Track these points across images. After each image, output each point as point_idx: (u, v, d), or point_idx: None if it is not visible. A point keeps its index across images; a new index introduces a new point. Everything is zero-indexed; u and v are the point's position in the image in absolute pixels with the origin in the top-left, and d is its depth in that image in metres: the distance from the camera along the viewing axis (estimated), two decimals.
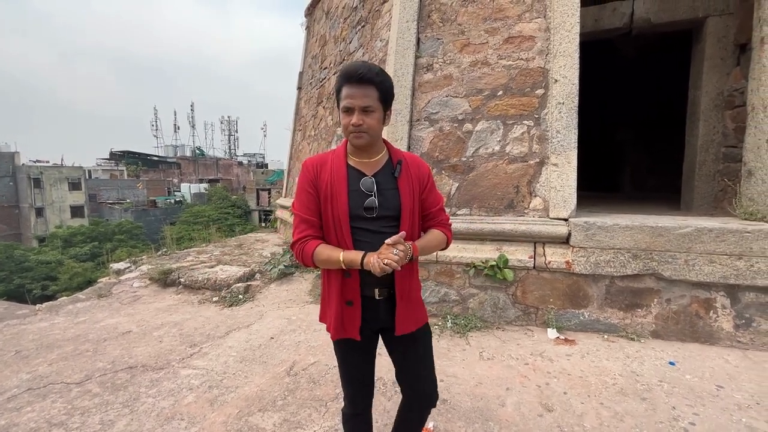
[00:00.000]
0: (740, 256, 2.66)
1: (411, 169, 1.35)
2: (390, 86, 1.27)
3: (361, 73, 1.19)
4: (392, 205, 1.30)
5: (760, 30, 2.95)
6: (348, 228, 1.28)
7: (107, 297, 4.09)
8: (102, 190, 38.83)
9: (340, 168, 1.30)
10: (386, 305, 1.36)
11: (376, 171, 1.33)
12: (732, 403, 2.13)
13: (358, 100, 1.21)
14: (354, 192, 1.29)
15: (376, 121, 1.25)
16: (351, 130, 1.25)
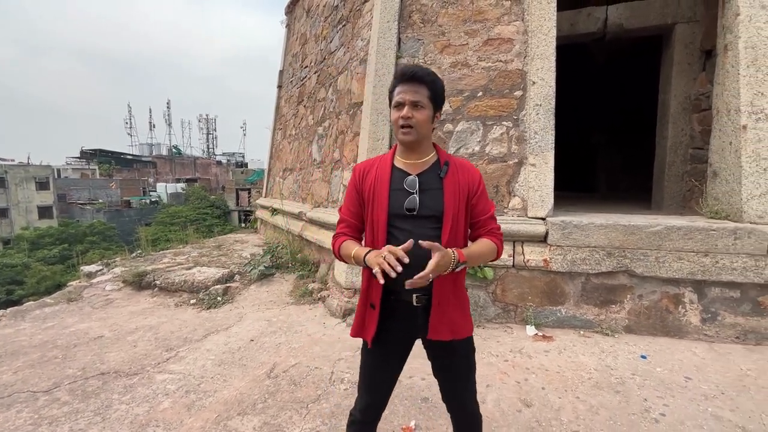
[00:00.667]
0: (706, 253, 2.78)
1: (459, 173, 1.31)
2: (441, 88, 1.29)
3: (413, 71, 1.24)
4: (434, 206, 1.27)
5: (724, 37, 3.09)
6: (384, 226, 1.27)
7: (77, 301, 3.93)
8: (72, 190, 37.28)
9: (385, 168, 1.32)
10: (426, 312, 1.29)
11: (421, 171, 1.31)
12: (699, 394, 2.23)
13: (408, 95, 1.23)
14: (396, 191, 1.29)
15: (426, 117, 1.25)
16: (400, 124, 1.25)
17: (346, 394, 2.27)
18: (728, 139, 3.00)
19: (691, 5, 3.84)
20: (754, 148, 2.82)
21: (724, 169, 3.06)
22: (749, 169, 2.82)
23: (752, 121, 2.84)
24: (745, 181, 2.83)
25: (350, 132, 4.29)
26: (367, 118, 3.67)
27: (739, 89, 2.87)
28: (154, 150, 64.79)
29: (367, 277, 1.32)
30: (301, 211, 5.09)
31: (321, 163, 5.17)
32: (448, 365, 1.39)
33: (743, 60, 2.88)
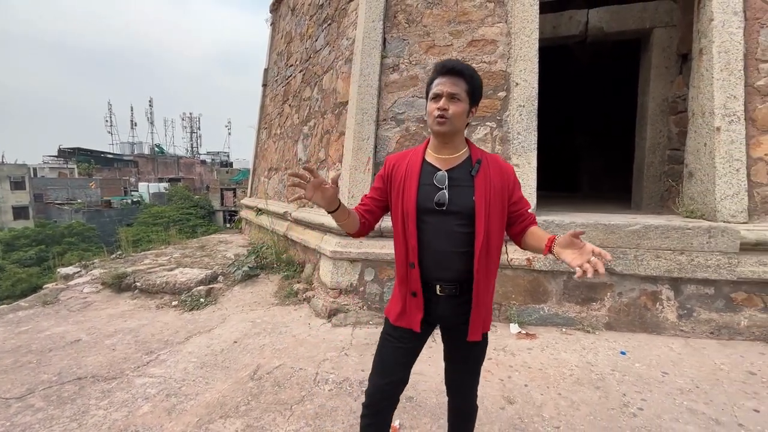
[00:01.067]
0: (682, 251, 2.86)
1: (491, 171, 1.30)
2: (479, 84, 1.29)
3: (453, 65, 1.25)
4: (463, 203, 1.26)
5: (699, 42, 3.19)
6: (414, 218, 1.28)
7: (54, 304, 3.81)
8: (49, 190, 36.14)
9: (416, 162, 1.33)
10: (448, 302, 1.32)
11: (452, 167, 1.31)
12: (675, 388, 2.29)
13: (447, 87, 1.23)
14: (426, 186, 1.29)
15: (462, 110, 1.25)
16: (435, 115, 1.24)
17: (331, 394, 2.26)
18: (703, 141, 3.10)
19: (669, 10, 3.95)
20: (727, 149, 2.92)
21: (699, 169, 3.15)
22: (722, 170, 2.92)
23: (725, 124, 2.93)
24: (718, 181, 2.93)
25: (335, 131, 4.28)
26: (353, 118, 3.66)
27: (713, 92, 2.97)
28: (135, 149, 63.36)
29: (404, 267, 1.34)
30: (286, 211, 5.04)
31: (306, 162, 5.13)
32: (466, 356, 1.42)
33: (717, 64, 2.97)
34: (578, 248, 1.12)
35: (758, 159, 2.93)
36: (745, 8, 2.97)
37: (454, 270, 1.29)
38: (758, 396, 2.20)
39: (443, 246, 1.28)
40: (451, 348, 1.44)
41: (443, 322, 1.37)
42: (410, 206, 1.28)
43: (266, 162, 7.30)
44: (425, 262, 1.30)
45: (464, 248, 1.28)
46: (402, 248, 1.34)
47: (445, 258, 1.29)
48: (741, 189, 2.89)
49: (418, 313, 1.33)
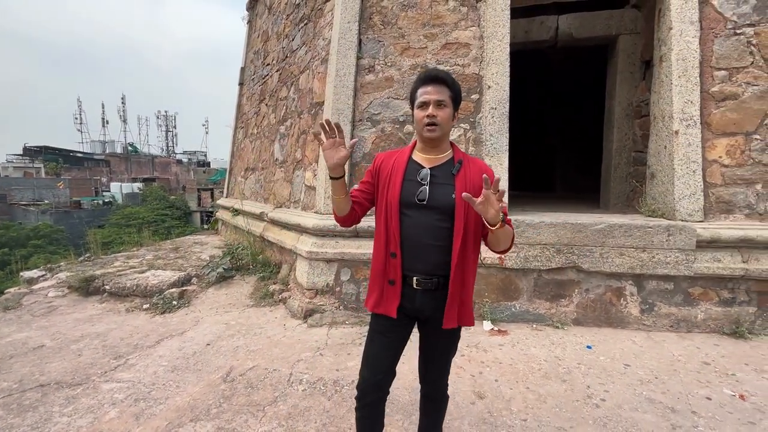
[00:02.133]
0: (644, 249, 3.00)
1: (472, 171, 1.38)
2: (459, 89, 1.40)
3: (436, 74, 1.36)
4: (443, 199, 1.35)
5: (659, 49, 3.35)
6: (396, 210, 1.37)
7: (16, 309, 3.65)
8: (14, 190, 34.45)
9: (402, 160, 1.44)
10: (425, 296, 1.39)
11: (435, 165, 1.40)
12: (636, 379, 2.40)
13: (433, 95, 1.33)
14: (410, 182, 1.39)
15: (448, 115, 1.35)
16: (425, 122, 1.34)
17: (305, 395, 2.27)
18: (663, 144, 3.25)
19: (633, 18, 4.12)
20: (684, 151, 3.08)
21: (660, 171, 3.31)
22: (681, 171, 3.07)
23: (683, 127, 3.09)
24: (677, 182, 3.08)
25: (312, 131, 4.26)
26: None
27: (672, 97, 3.12)
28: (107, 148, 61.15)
29: (384, 256, 1.41)
30: (262, 211, 4.99)
31: (283, 162, 5.10)
32: (440, 346, 1.50)
33: (675, 70, 3.13)
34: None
35: (713, 161, 3.10)
36: (701, 18, 3.13)
37: (431, 262, 1.37)
38: (710, 384, 2.34)
39: (422, 238, 1.36)
40: (425, 338, 1.51)
41: (421, 315, 1.43)
42: (394, 199, 1.38)
43: (243, 162, 7.20)
44: (405, 252, 1.38)
45: (441, 242, 1.36)
46: (383, 239, 1.42)
47: (423, 249, 1.37)
48: (697, 189, 3.05)
49: (395, 300, 1.40)
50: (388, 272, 1.41)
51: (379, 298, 1.44)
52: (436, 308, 1.39)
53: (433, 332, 1.46)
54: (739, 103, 3.07)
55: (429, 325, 1.46)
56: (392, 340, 1.47)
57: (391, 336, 1.47)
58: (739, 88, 3.08)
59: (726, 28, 3.10)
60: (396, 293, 1.40)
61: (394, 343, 1.48)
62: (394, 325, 1.45)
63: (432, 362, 1.53)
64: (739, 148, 3.07)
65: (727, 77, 3.10)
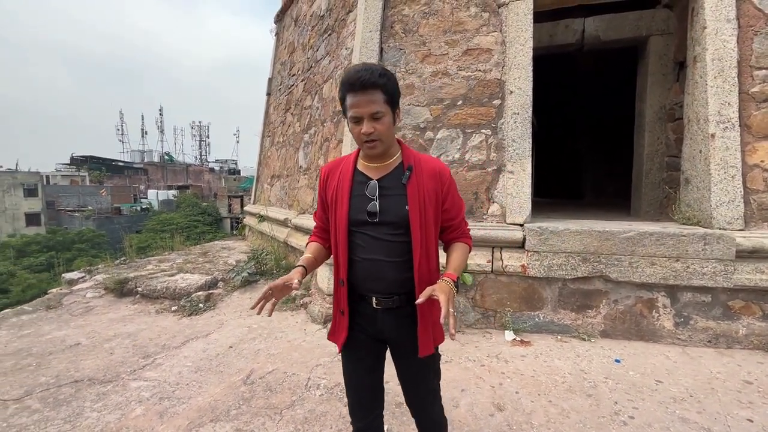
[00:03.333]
0: (678, 258, 2.84)
1: (425, 176, 1.25)
2: (395, 85, 1.20)
3: (363, 78, 1.12)
4: (396, 212, 1.22)
5: (693, 49, 3.20)
6: (344, 232, 1.26)
7: (57, 308, 3.88)
8: (61, 197, 36.82)
9: (347, 173, 1.29)
10: (387, 316, 1.29)
11: (383, 175, 1.27)
12: (668, 397, 2.27)
13: (364, 108, 1.14)
14: (358, 197, 1.25)
15: (388, 125, 1.18)
16: (363, 140, 1.19)
17: (321, 399, 2.28)
18: (698, 148, 3.09)
19: (665, 18, 3.96)
20: (722, 156, 2.91)
21: (695, 176, 3.14)
22: (718, 177, 2.90)
23: (720, 130, 2.92)
24: (714, 188, 2.91)
25: (334, 139, 4.33)
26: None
27: (707, 99, 2.97)
28: (145, 157, 64.41)
29: (335, 285, 1.33)
30: (286, 217, 5.10)
31: (307, 169, 5.20)
32: (415, 372, 1.38)
33: (711, 71, 2.97)
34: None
35: (754, 166, 2.91)
36: (738, 15, 2.97)
37: (387, 280, 1.25)
38: (753, 405, 2.17)
39: (378, 256, 1.24)
40: (401, 366, 1.39)
41: (387, 336, 1.33)
42: (342, 220, 1.26)
43: (269, 169, 7.40)
44: (358, 275, 1.27)
45: (398, 258, 1.24)
46: (334, 264, 1.32)
47: (378, 268, 1.25)
48: (737, 196, 2.87)
49: (342, 332, 1.32)
50: (338, 301, 1.32)
51: (333, 327, 1.38)
52: (400, 327, 1.29)
53: (404, 356, 1.35)
54: None
55: (397, 349, 1.35)
56: (361, 378, 1.38)
57: (359, 374, 1.37)
58: None
59: (767, 25, 2.93)
60: (344, 324, 1.31)
61: (365, 378, 1.38)
62: (357, 359, 1.36)
63: (414, 390, 1.40)
64: None
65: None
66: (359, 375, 1.39)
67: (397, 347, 1.36)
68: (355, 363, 1.38)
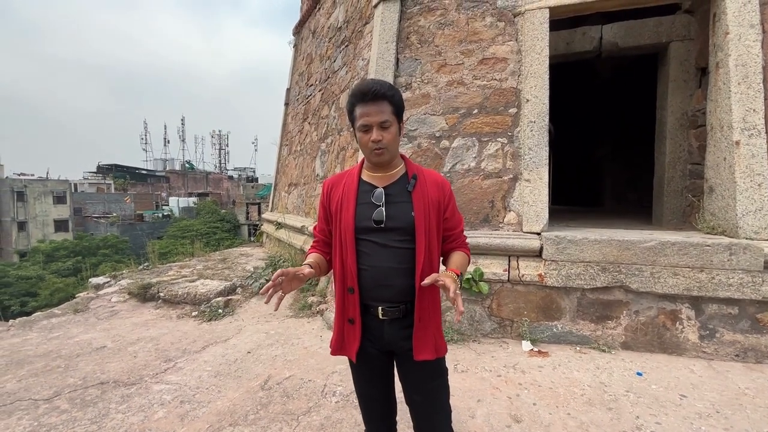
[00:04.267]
0: (702, 269, 2.76)
1: (428, 186, 1.31)
2: (401, 98, 1.28)
3: (374, 90, 1.20)
4: (403, 218, 1.26)
5: (715, 55, 3.14)
6: (352, 239, 1.27)
7: (84, 312, 4.04)
8: (88, 204, 38.22)
9: (352, 183, 1.33)
10: (393, 327, 1.29)
11: (388, 183, 1.31)
12: (693, 412, 2.19)
13: (374, 117, 1.21)
14: (363, 204, 1.29)
15: (394, 134, 1.25)
16: (372, 147, 1.23)
17: (337, 406, 2.30)
18: (722, 155, 3.01)
19: (686, 24, 3.90)
20: (747, 163, 2.83)
21: (719, 184, 3.06)
22: (743, 185, 2.82)
23: (745, 137, 2.85)
24: (739, 196, 2.83)
25: (351, 148, 4.40)
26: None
27: (731, 106, 2.90)
28: (167, 165, 66.39)
29: (341, 293, 1.32)
30: (303, 225, 5.18)
31: (323, 178, 5.28)
32: (424, 389, 1.34)
33: (734, 77, 2.91)
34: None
35: None
36: (762, 21, 2.91)
37: (395, 288, 1.26)
38: None
39: (384, 263, 1.26)
40: (407, 380, 1.36)
41: (392, 347, 1.32)
42: (348, 227, 1.27)
43: (287, 177, 7.53)
44: (365, 283, 1.27)
45: (405, 264, 1.26)
46: (339, 272, 1.31)
47: (385, 275, 1.26)
48: (764, 204, 2.78)
49: (354, 341, 1.30)
50: (347, 310, 1.30)
51: (340, 340, 1.33)
52: (406, 338, 1.28)
53: (412, 368, 1.32)
54: None
55: (405, 361, 1.33)
56: (373, 389, 1.37)
57: (371, 385, 1.36)
58: None
59: None
60: (356, 333, 1.29)
61: (376, 392, 1.37)
62: (369, 370, 1.34)
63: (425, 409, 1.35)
64: None
65: None
66: (371, 386, 1.39)
67: (404, 358, 1.34)
68: (368, 375, 1.37)
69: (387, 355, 1.37)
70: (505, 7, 3.53)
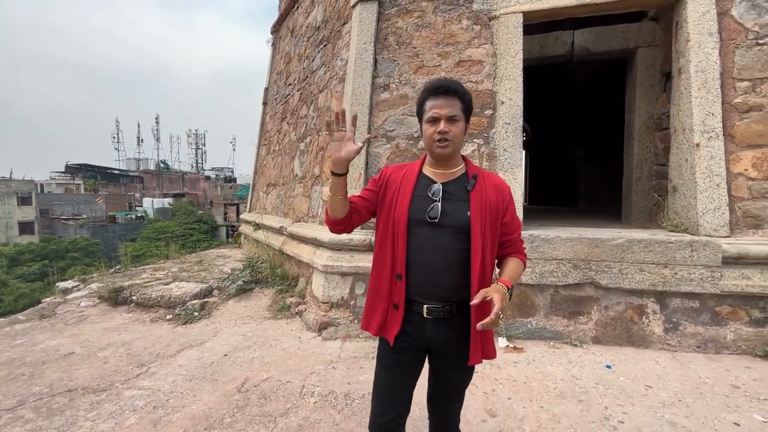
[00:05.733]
0: (666, 265, 2.90)
1: (488, 188, 1.29)
2: (470, 99, 1.30)
3: (447, 85, 1.24)
4: (458, 217, 1.25)
5: (678, 61, 3.30)
6: (404, 230, 1.26)
7: (50, 318, 3.87)
8: (56, 205, 36.60)
9: (412, 174, 1.33)
10: (436, 327, 1.27)
11: (447, 181, 1.31)
12: (658, 401, 2.30)
13: (444, 110, 1.23)
14: (420, 197, 1.29)
15: (461, 130, 1.26)
16: (436, 138, 1.24)
17: (316, 407, 2.29)
18: (684, 157, 3.17)
19: (651, 31, 4.08)
20: (707, 164, 2.99)
21: (682, 184, 3.21)
22: (703, 185, 2.98)
23: (705, 140, 3.00)
24: (700, 196, 2.98)
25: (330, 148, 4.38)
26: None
27: (692, 110, 3.05)
28: (141, 165, 64.35)
29: (389, 277, 1.30)
30: (282, 225, 5.13)
31: (302, 178, 5.24)
32: (456, 381, 1.37)
33: (695, 83, 3.06)
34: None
35: (738, 174, 2.99)
36: (720, 29, 3.07)
37: (443, 287, 1.25)
38: (740, 409, 2.21)
39: (433, 260, 1.25)
40: (438, 371, 1.38)
41: (432, 346, 1.31)
42: (402, 216, 1.27)
43: (265, 178, 7.44)
44: (412, 276, 1.26)
45: (456, 264, 1.24)
46: (389, 259, 1.30)
47: (433, 273, 1.25)
48: (722, 203, 2.94)
49: (395, 325, 1.29)
50: (393, 295, 1.30)
51: (383, 322, 1.33)
52: (449, 339, 1.28)
53: (448, 367, 1.34)
54: (764, 114, 2.97)
55: (443, 359, 1.33)
56: (400, 377, 1.35)
57: (399, 373, 1.35)
58: (764, 99, 2.98)
59: (747, 39, 3.03)
60: (398, 319, 1.29)
61: (403, 381, 1.36)
62: (401, 360, 1.33)
63: (446, 399, 1.39)
64: (767, 160, 2.95)
65: (751, 88, 3.01)
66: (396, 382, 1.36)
67: (443, 357, 1.34)
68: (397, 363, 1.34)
69: (422, 352, 1.36)
70: (481, 11, 3.60)
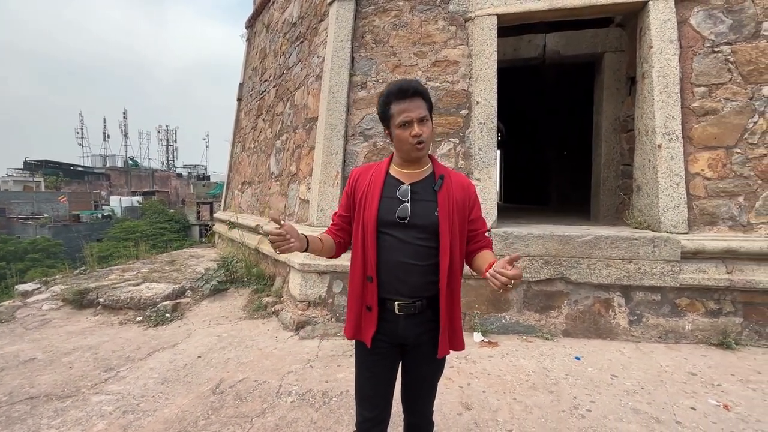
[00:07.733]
0: (630, 260, 3.04)
1: (454, 187, 1.32)
2: (431, 97, 1.32)
3: (413, 87, 1.25)
4: (427, 217, 1.27)
5: (642, 66, 3.46)
6: (373, 231, 1.29)
7: (9, 322, 3.67)
8: (13, 204, 34.50)
9: (379, 176, 1.34)
10: (408, 322, 1.31)
11: (415, 181, 1.33)
12: (622, 390, 2.42)
13: (414, 112, 1.24)
14: (388, 198, 1.30)
15: (431, 130, 1.29)
16: (412, 143, 1.25)
17: (293, 406, 2.28)
18: (648, 157, 3.33)
19: (618, 36, 4.26)
20: (668, 165, 3.15)
21: (645, 183, 3.38)
22: (664, 184, 3.14)
23: (666, 141, 3.17)
24: (661, 194, 3.15)
25: (306, 146, 4.35)
26: (322, 133, 3.76)
27: (654, 113, 3.21)
28: (108, 162, 61.59)
29: (360, 281, 1.33)
30: (258, 224, 5.04)
31: (279, 176, 5.17)
32: (426, 373, 1.40)
33: (657, 87, 3.23)
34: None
35: (696, 174, 3.17)
36: (680, 37, 3.25)
37: (411, 284, 1.28)
38: (696, 395, 2.36)
39: (403, 259, 1.28)
40: (411, 366, 1.41)
41: (405, 341, 1.34)
42: (371, 218, 1.29)
43: (240, 176, 7.28)
44: (383, 276, 1.30)
45: (425, 262, 1.28)
46: (360, 261, 1.33)
47: (403, 271, 1.28)
48: (681, 202, 3.11)
49: (370, 327, 1.32)
50: (365, 297, 1.33)
51: (357, 325, 1.36)
52: (421, 333, 1.32)
53: (421, 361, 1.37)
54: (719, 118, 3.16)
55: (415, 353, 1.36)
56: (379, 374, 1.38)
57: (377, 370, 1.37)
58: (718, 104, 3.17)
59: (704, 47, 3.22)
60: (372, 320, 1.32)
61: (382, 378, 1.38)
62: (378, 356, 1.35)
63: (420, 392, 1.43)
64: (721, 161, 3.15)
65: (707, 93, 3.20)
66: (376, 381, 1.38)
67: (415, 351, 1.37)
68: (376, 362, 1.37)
69: (397, 348, 1.38)
70: (457, 12, 3.66)
